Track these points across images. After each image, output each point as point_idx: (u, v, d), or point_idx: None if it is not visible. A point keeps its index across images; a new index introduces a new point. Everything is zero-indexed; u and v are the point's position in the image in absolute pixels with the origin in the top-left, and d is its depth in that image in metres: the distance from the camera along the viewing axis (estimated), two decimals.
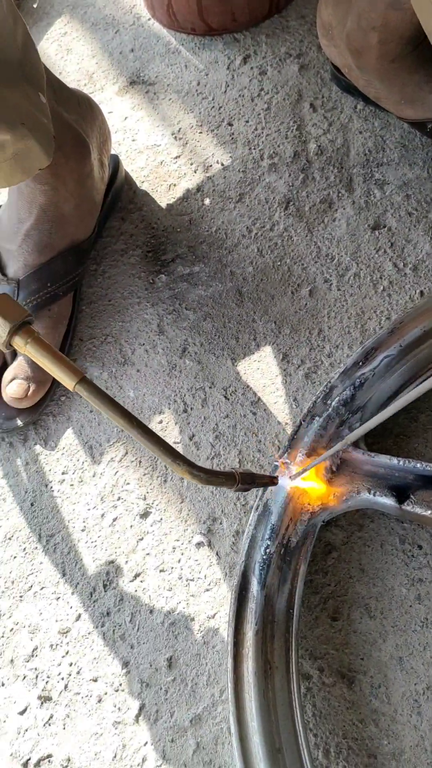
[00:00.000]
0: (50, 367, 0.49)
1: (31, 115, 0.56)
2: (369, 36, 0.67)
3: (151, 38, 0.91)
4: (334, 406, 0.60)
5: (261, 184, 0.80)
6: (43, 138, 0.58)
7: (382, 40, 0.67)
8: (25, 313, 0.49)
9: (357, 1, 0.66)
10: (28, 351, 0.49)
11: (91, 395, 0.49)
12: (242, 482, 0.52)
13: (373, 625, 0.60)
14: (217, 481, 0.51)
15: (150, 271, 0.78)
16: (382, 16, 0.64)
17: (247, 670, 0.52)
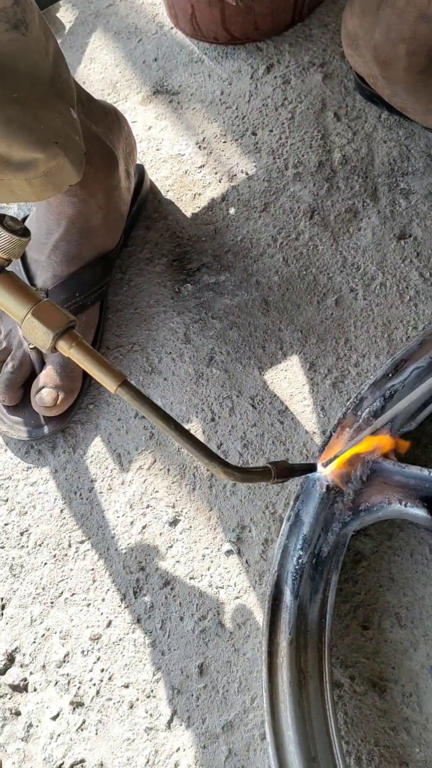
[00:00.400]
0: (93, 370, 0.50)
1: (63, 133, 0.57)
2: (398, 48, 0.67)
3: (174, 47, 0.92)
4: (365, 418, 0.61)
5: (286, 194, 0.80)
6: (75, 155, 0.59)
7: (411, 52, 0.67)
8: (69, 318, 0.50)
9: (385, 14, 0.67)
10: (72, 354, 0.51)
11: (133, 398, 0.50)
12: (278, 476, 0.54)
13: (404, 635, 0.60)
14: (253, 478, 0.53)
15: (176, 279, 0.78)
16: (412, 29, 0.65)
17: (282, 680, 0.53)
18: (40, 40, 0.56)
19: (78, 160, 0.60)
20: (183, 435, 0.50)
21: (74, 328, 0.52)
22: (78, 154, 0.60)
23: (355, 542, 0.64)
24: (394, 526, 0.64)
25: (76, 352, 0.51)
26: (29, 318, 0.50)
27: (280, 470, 0.54)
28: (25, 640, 0.65)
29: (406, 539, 0.63)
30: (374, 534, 0.64)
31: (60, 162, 0.58)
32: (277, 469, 0.54)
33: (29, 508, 0.71)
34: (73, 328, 0.51)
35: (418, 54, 0.67)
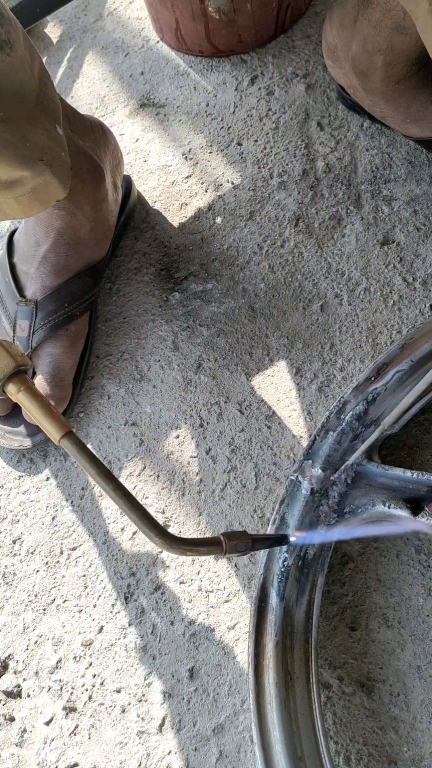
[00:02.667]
0: (39, 417, 0.50)
1: (49, 150, 0.58)
2: (374, 59, 0.69)
3: (160, 61, 0.93)
4: (348, 421, 0.62)
5: (271, 202, 0.81)
6: (61, 171, 0.60)
7: (388, 63, 0.68)
8: (19, 362, 0.51)
9: (362, 26, 0.68)
10: (19, 399, 0.51)
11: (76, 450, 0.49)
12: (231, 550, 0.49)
13: (391, 635, 0.61)
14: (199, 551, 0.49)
15: (163, 288, 0.80)
16: (388, 40, 0.66)
17: (268, 681, 0.54)
18: (25, 59, 0.57)
19: (64, 176, 0.61)
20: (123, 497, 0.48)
21: (25, 373, 0.52)
22: (64, 169, 0.61)
23: (342, 544, 0.64)
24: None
25: (23, 397, 0.50)
26: None
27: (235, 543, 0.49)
28: (18, 647, 0.66)
29: (392, 540, 0.64)
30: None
31: (46, 179, 0.59)
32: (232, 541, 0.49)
33: (21, 516, 0.71)
34: (25, 372, 0.52)
35: (394, 65, 0.68)
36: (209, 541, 0.49)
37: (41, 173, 0.58)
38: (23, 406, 0.51)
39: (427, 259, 0.75)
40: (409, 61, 0.69)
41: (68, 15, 1.01)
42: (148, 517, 0.48)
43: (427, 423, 0.68)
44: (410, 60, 0.68)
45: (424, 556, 0.63)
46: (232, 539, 0.49)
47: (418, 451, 0.67)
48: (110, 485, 0.48)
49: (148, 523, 0.48)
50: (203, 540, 0.50)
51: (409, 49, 0.67)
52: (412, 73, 0.70)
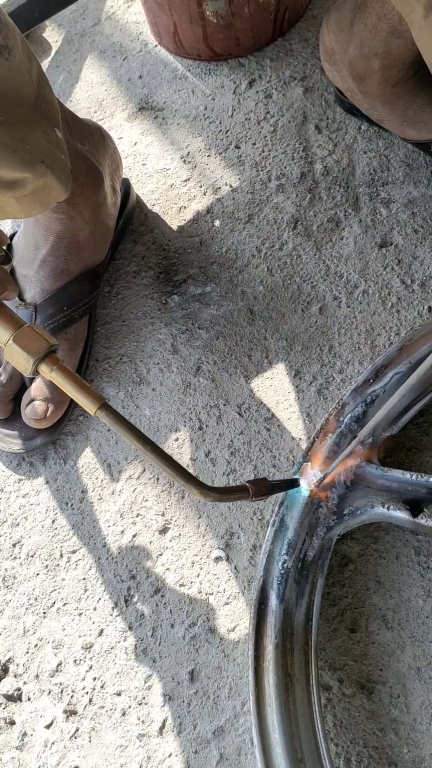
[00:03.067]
0: (73, 392, 0.52)
1: (49, 152, 0.58)
2: (371, 62, 0.69)
3: (159, 65, 0.94)
4: (347, 423, 0.62)
5: (269, 205, 0.82)
6: (62, 173, 0.60)
7: (384, 66, 0.69)
8: (49, 343, 0.52)
9: (358, 30, 0.68)
10: (53, 377, 0.52)
11: (112, 420, 0.52)
12: (257, 494, 0.54)
13: (391, 636, 0.61)
14: (230, 497, 0.54)
15: (162, 291, 0.80)
16: (384, 44, 0.66)
17: (268, 683, 0.54)
18: (23, 64, 0.58)
19: (65, 178, 0.61)
20: (161, 456, 0.52)
21: (55, 352, 0.53)
22: (65, 172, 0.61)
23: (342, 546, 0.64)
24: (380, 529, 0.65)
25: (57, 375, 0.52)
26: (10, 344, 0.51)
27: (258, 488, 0.54)
28: (18, 651, 0.66)
29: (392, 542, 0.64)
30: (360, 537, 0.65)
31: (47, 180, 0.59)
32: (256, 487, 0.54)
33: (21, 519, 0.72)
34: (55, 352, 0.53)
35: (391, 68, 0.69)
36: (238, 488, 0.54)
37: (42, 175, 0.58)
38: (57, 384, 0.52)
39: (425, 261, 0.75)
40: (405, 64, 0.69)
41: (66, 19, 1.02)
42: (185, 473, 0.52)
43: (426, 425, 0.68)
44: (407, 64, 0.69)
45: (423, 557, 0.63)
46: (256, 485, 0.54)
47: (417, 452, 0.67)
48: (148, 448, 0.51)
49: (186, 477, 0.52)
50: (233, 488, 0.54)
51: (405, 53, 0.67)
52: (409, 76, 0.70)
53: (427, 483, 0.59)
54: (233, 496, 0.54)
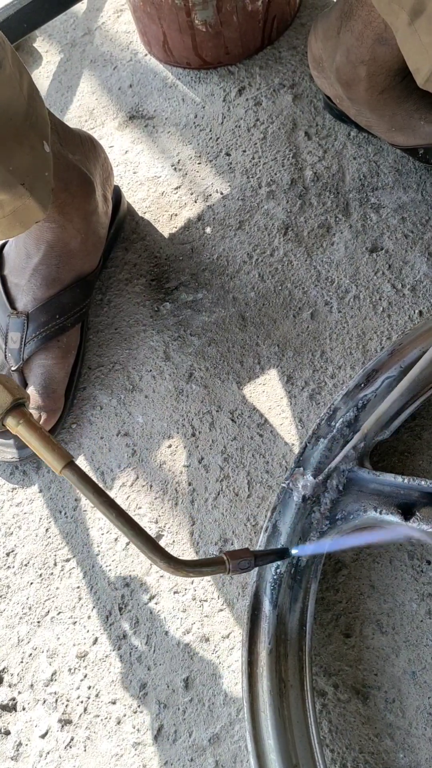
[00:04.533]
0: (39, 449, 0.50)
1: (32, 171, 0.58)
2: (358, 69, 0.69)
3: (149, 73, 0.94)
4: (338, 428, 0.62)
5: (260, 212, 0.82)
6: (42, 194, 0.60)
7: (371, 73, 0.69)
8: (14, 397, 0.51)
9: (345, 38, 0.69)
10: (19, 431, 0.51)
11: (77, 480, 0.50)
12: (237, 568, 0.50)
13: (385, 641, 0.61)
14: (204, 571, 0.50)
15: (154, 299, 0.80)
16: (370, 51, 0.67)
17: (262, 689, 0.54)
18: (14, 77, 0.58)
19: (45, 198, 0.61)
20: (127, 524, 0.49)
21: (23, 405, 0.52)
22: (45, 191, 0.61)
23: (340, 552, 0.64)
24: None
25: (23, 429, 0.51)
26: None
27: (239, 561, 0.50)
28: (12, 660, 0.66)
29: (385, 546, 0.64)
30: None
31: (26, 202, 0.59)
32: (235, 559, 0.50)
33: (15, 528, 0.71)
34: (22, 405, 0.52)
35: (377, 75, 0.69)
36: (213, 561, 0.50)
37: (21, 197, 0.58)
38: (23, 439, 0.51)
39: (415, 265, 0.75)
40: (391, 71, 0.69)
41: (57, 29, 1.02)
42: (152, 543, 0.49)
43: (418, 429, 0.68)
44: (393, 71, 0.69)
45: (417, 561, 0.63)
46: (235, 557, 0.50)
47: (409, 456, 0.67)
48: (113, 513, 0.49)
49: (153, 548, 0.49)
50: (207, 561, 0.50)
51: (391, 60, 0.68)
52: (396, 83, 0.71)
53: (419, 486, 0.59)
54: (207, 570, 0.50)
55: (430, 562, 0.63)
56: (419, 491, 0.59)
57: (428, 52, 0.54)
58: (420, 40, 0.54)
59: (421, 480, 0.59)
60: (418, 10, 0.53)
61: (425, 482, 0.59)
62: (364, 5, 0.64)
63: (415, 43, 0.55)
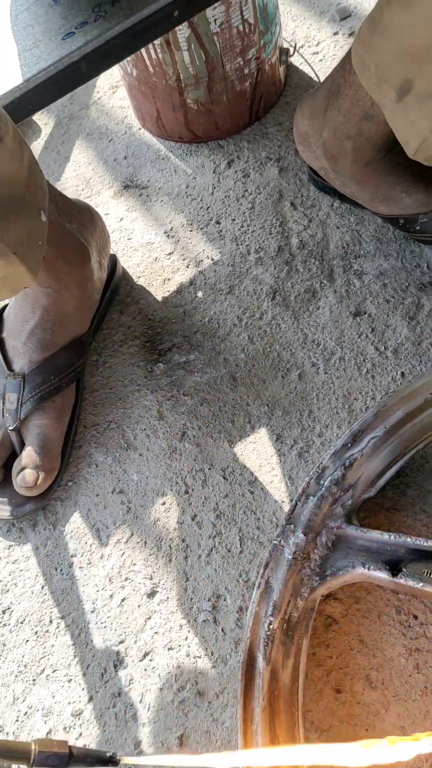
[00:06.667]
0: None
1: (25, 241, 0.61)
2: (344, 144, 0.74)
3: (143, 146, 1.00)
4: (327, 486, 0.65)
5: (249, 277, 0.86)
6: (33, 262, 0.63)
7: (357, 148, 0.74)
8: None
9: (332, 115, 0.74)
10: None
11: None
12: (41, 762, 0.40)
13: (375, 696, 0.63)
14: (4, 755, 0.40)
15: (148, 360, 0.83)
16: (357, 127, 0.72)
17: (257, 746, 0.55)
18: (15, 151, 0.62)
19: (36, 265, 0.64)
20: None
21: None
22: (37, 258, 0.64)
23: (326, 606, 0.66)
24: (362, 589, 0.67)
25: None
26: None
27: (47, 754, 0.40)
28: (8, 719, 0.66)
29: (374, 602, 0.66)
30: (343, 598, 0.67)
31: (18, 269, 0.62)
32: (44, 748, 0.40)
33: (11, 585, 0.73)
34: None
35: (363, 149, 0.74)
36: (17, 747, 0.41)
37: (12, 264, 0.61)
38: None
39: (397, 329, 0.79)
40: (377, 146, 0.74)
41: (56, 104, 1.08)
42: None
43: (403, 486, 0.71)
44: (378, 145, 0.74)
45: (404, 616, 0.65)
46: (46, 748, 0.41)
47: (395, 513, 0.70)
48: None
49: None
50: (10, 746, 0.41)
51: (376, 135, 0.73)
52: (380, 156, 0.76)
53: (405, 543, 0.61)
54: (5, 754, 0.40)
55: (417, 617, 0.65)
56: (405, 547, 0.61)
57: (416, 127, 0.60)
58: (408, 116, 0.60)
59: (407, 537, 0.61)
60: (406, 89, 0.58)
61: (411, 539, 0.61)
62: (352, 85, 0.70)
63: (403, 118, 0.60)
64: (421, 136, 0.61)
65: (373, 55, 0.60)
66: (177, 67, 0.86)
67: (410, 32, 0.55)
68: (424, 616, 0.65)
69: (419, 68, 0.57)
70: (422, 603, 0.65)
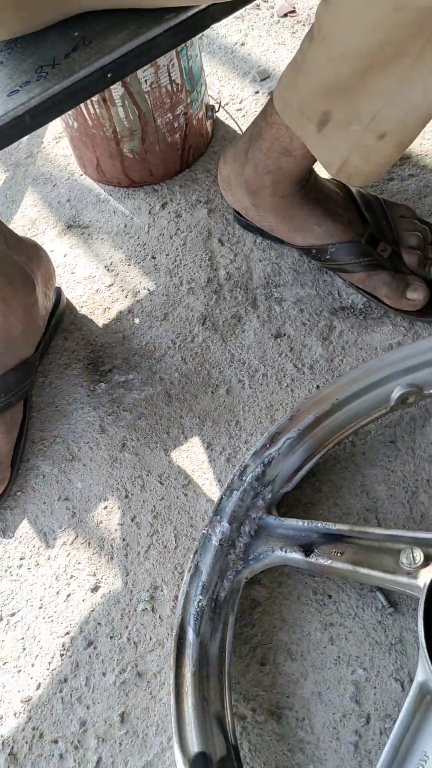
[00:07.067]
0: None
1: None
2: (264, 178, 0.85)
3: (84, 190, 1.09)
4: (248, 481, 0.73)
5: (182, 305, 0.96)
6: None
7: (276, 181, 0.85)
8: None
9: (253, 154, 0.85)
10: None
11: None
12: None
13: (295, 667, 0.70)
14: None
15: (91, 380, 0.91)
16: (276, 162, 0.82)
17: (188, 705, 0.62)
18: None
19: None
20: None
21: None
22: None
23: (252, 591, 0.74)
24: (284, 574, 0.75)
25: None
26: None
27: None
28: None
29: (294, 585, 0.74)
30: (267, 583, 0.75)
31: None
32: None
33: None
34: None
35: (281, 182, 0.85)
36: None
37: None
38: None
39: (312, 348, 0.90)
40: (293, 178, 0.85)
41: (3, 152, 1.17)
42: None
43: (318, 483, 0.80)
44: (294, 178, 0.85)
45: (320, 596, 0.73)
46: None
47: (312, 507, 0.79)
48: None
49: None
50: None
51: (293, 169, 0.83)
52: (296, 190, 0.87)
53: (317, 528, 0.70)
54: None
55: (331, 596, 0.73)
56: (317, 532, 0.70)
57: (337, 151, 0.71)
58: (329, 142, 0.71)
59: (318, 523, 0.70)
60: (325, 120, 0.70)
61: (321, 524, 0.70)
62: (273, 125, 0.80)
63: (325, 145, 0.72)
64: (341, 157, 0.72)
65: (294, 94, 0.71)
66: (113, 120, 0.97)
67: (329, 67, 0.66)
68: (337, 595, 0.73)
69: (336, 100, 0.68)
70: (335, 584, 0.74)
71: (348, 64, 0.64)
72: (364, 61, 0.63)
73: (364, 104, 0.66)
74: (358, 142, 0.70)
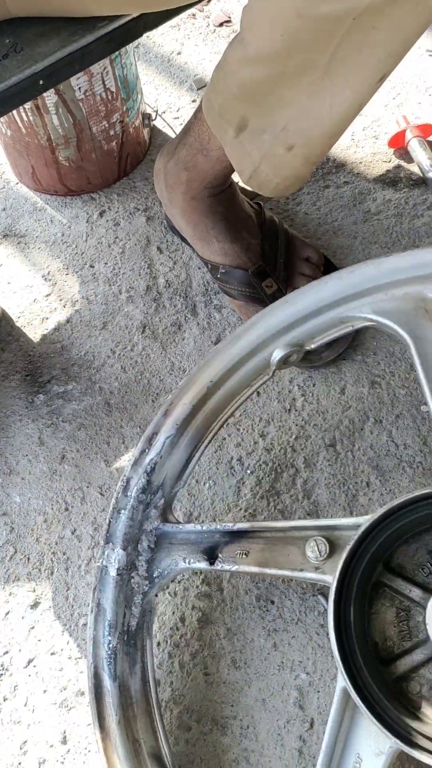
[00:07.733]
0: None
1: None
2: (181, 174, 0.85)
3: (20, 199, 1.08)
4: (134, 496, 0.68)
5: (121, 313, 0.95)
6: None
7: (190, 179, 0.85)
8: None
9: (179, 150, 0.85)
10: None
11: None
12: None
13: (239, 675, 0.70)
14: None
15: (29, 391, 0.89)
16: (193, 158, 0.83)
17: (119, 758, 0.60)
18: None
19: None
20: None
21: None
22: None
23: (196, 601, 0.74)
24: (225, 580, 0.75)
25: None
26: None
27: None
28: None
29: (237, 594, 0.74)
30: (211, 593, 0.74)
31: None
32: None
33: None
34: None
35: (194, 181, 0.85)
36: None
37: None
38: None
39: None
40: (205, 181, 0.85)
41: None
42: None
43: (260, 490, 0.80)
44: (206, 181, 0.85)
45: (263, 602, 0.73)
46: None
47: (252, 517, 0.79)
48: None
49: None
50: None
51: (207, 170, 0.84)
52: (206, 195, 0.87)
53: (216, 529, 0.66)
54: None
55: (274, 602, 0.73)
56: (219, 532, 0.66)
57: (250, 157, 0.72)
58: (244, 148, 0.71)
59: (216, 524, 0.67)
60: (243, 126, 0.70)
61: (220, 525, 0.66)
62: (198, 121, 0.80)
63: (239, 151, 0.72)
64: (253, 165, 0.72)
65: (217, 96, 0.71)
66: (47, 128, 0.95)
67: (245, 69, 0.66)
68: (280, 601, 0.73)
69: (253, 106, 0.68)
70: (278, 588, 0.74)
71: (261, 67, 0.65)
72: (275, 66, 0.63)
73: (277, 113, 0.67)
74: (269, 152, 0.70)
